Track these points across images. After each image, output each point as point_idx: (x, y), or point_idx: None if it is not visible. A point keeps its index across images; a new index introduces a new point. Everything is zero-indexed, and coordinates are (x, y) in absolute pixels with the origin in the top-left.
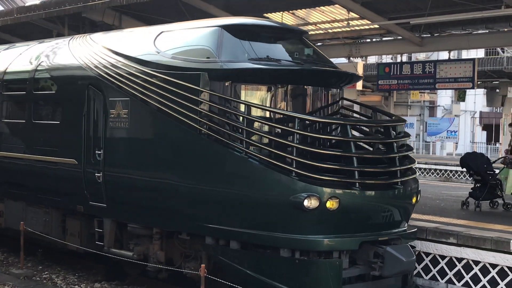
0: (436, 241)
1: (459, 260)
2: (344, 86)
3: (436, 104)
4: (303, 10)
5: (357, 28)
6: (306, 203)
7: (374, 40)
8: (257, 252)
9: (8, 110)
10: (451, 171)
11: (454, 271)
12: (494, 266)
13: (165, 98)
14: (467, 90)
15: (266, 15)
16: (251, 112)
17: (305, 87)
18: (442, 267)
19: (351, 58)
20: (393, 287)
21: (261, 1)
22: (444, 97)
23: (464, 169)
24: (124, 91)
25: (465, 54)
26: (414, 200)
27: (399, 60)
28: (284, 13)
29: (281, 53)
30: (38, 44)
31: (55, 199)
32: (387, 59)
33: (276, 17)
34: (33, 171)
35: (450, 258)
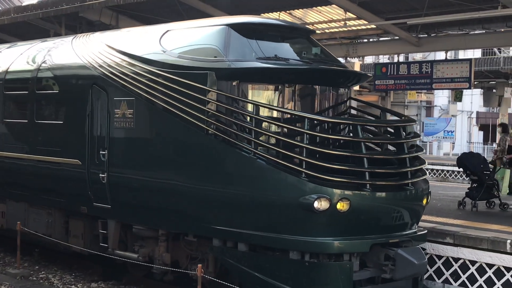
0: (433, 241)
1: (456, 260)
2: (352, 85)
3: (433, 104)
4: (300, 10)
5: (354, 28)
6: (316, 204)
7: (371, 40)
8: (265, 254)
9: (10, 110)
10: (448, 171)
11: (450, 271)
12: (490, 266)
13: (171, 97)
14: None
15: (263, 15)
16: (259, 112)
17: (313, 86)
18: (439, 267)
19: (348, 58)
20: None
21: (258, 1)
22: (441, 97)
23: (461, 169)
24: (129, 90)
25: (462, 54)
26: (424, 202)
27: (396, 60)
28: (281, 13)
29: (288, 52)
30: (40, 43)
31: (58, 200)
32: (384, 59)
33: (273, 17)
34: (35, 172)
35: (447, 258)
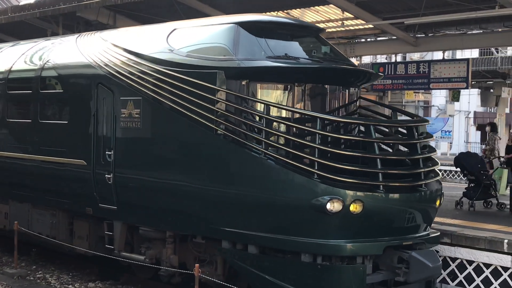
0: None
1: (453, 259)
2: (362, 84)
3: (431, 104)
4: (298, 9)
5: (351, 28)
6: (329, 206)
7: (368, 40)
8: (276, 256)
9: (14, 110)
10: (445, 171)
11: (448, 270)
12: (487, 265)
13: (179, 97)
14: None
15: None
16: (270, 112)
17: (324, 86)
18: None
19: None
20: None
21: (256, 0)
22: (439, 97)
23: (458, 169)
24: (136, 90)
25: (460, 54)
26: (437, 203)
27: (393, 60)
28: (278, 13)
29: (298, 51)
30: (43, 41)
31: (62, 201)
32: (381, 59)
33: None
34: (39, 172)
35: (444, 257)
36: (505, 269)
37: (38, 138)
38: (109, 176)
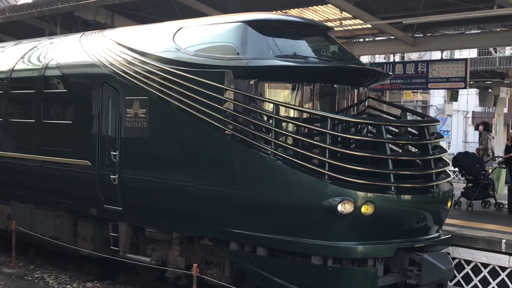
0: None
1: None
2: (371, 84)
3: (429, 103)
4: (296, 9)
5: (350, 28)
6: (340, 207)
7: (367, 39)
8: (286, 259)
9: (16, 110)
10: None
11: None
12: (485, 265)
13: (186, 96)
14: (460, 90)
15: None
16: (279, 112)
17: (333, 85)
18: None
19: None
20: None
21: (254, 0)
22: (437, 96)
23: (457, 169)
24: (142, 89)
25: (458, 54)
26: (449, 205)
27: (391, 60)
28: (277, 12)
29: (307, 50)
30: (46, 40)
31: (66, 201)
32: (380, 59)
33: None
34: (43, 173)
35: None
36: (503, 269)
37: (41, 138)
38: (114, 176)
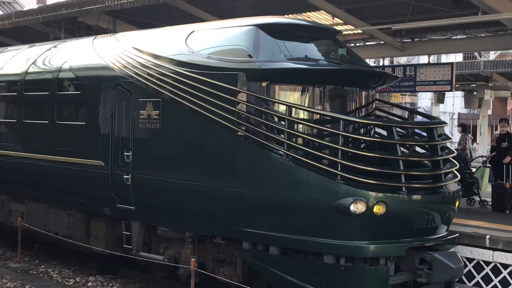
0: None
1: None
2: (378, 86)
3: (417, 106)
4: (289, 15)
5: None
6: (353, 207)
7: (357, 44)
8: (299, 258)
9: (30, 111)
10: None
11: None
12: (470, 260)
13: (199, 98)
14: (446, 93)
15: None
16: (291, 113)
17: (343, 87)
18: None
19: None
20: None
21: (248, 6)
22: (424, 99)
23: None
24: (155, 91)
25: (444, 58)
26: (456, 205)
27: (381, 64)
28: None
29: (317, 53)
30: (60, 44)
31: (79, 201)
32: (370, 62)
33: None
34: (56, 173)
35: None
36: (487, 263)
37: (55, 139)
38: (127, 176)
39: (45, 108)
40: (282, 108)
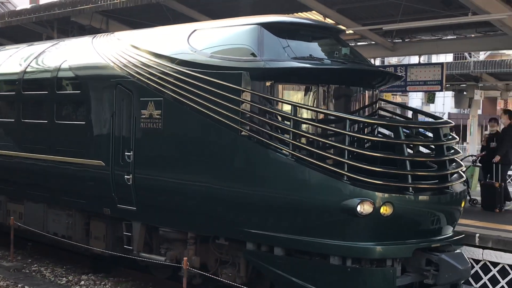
0: None
1: None
2: (381, 86)
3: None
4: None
5: None
6: (359, 208)
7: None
8: (304, 259)
9: (29, 111)
10: None
11: None
12: None
13: (203, 98)
14: (436, 93)
15: None
16: (297, 113)
17: (348, 87)
18: None
19: None
20: None
21: (240, 6)
22: (415, 99)
23: None
24: (157, 91)
25: (435, 59)
26: (462, 205)
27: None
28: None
29: (320, 52)
30: (59, 42)
31: (79, 201)
32: None
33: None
34: (56, 173)
35: None
36: (477, 261)
37: (54, 139)
38: (128, 177)
39: (44, 107)
40: (287, 108)
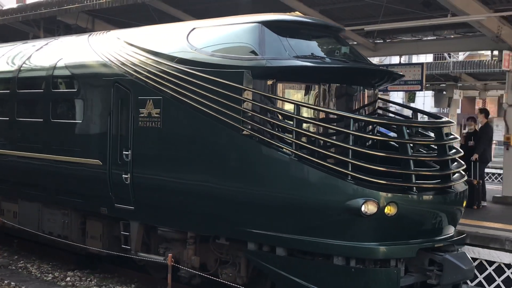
0: None
1: None
2: (381, 85)
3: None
4: None
5: None
6: (364, 208)
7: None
8: (307, 259)
9: (24, 109)
10: None
11: None
12: None
13: (203, 97)
14: (417, 92)
15: None
16: (299, 112)
17: (349, 86)
18: None
19: None
20: None
21: (226, 7)
22: (396, 98)
23: None
24: (155, 89)
25: (415, 59)
26: (464, 205)
27: None
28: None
29: (321, 50)
30: (54, 40)
31: (75, 200)
32: None
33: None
34: (51, 172)
35: None
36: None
37: (49, 138)
38: (126, 176)
39: (39, 106)
40: (288, 107)
